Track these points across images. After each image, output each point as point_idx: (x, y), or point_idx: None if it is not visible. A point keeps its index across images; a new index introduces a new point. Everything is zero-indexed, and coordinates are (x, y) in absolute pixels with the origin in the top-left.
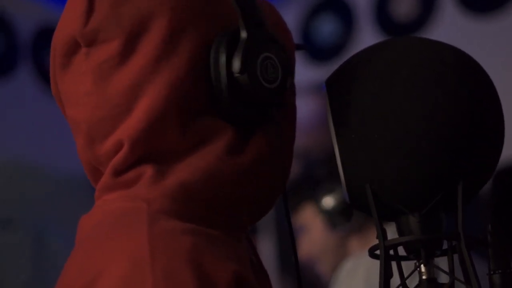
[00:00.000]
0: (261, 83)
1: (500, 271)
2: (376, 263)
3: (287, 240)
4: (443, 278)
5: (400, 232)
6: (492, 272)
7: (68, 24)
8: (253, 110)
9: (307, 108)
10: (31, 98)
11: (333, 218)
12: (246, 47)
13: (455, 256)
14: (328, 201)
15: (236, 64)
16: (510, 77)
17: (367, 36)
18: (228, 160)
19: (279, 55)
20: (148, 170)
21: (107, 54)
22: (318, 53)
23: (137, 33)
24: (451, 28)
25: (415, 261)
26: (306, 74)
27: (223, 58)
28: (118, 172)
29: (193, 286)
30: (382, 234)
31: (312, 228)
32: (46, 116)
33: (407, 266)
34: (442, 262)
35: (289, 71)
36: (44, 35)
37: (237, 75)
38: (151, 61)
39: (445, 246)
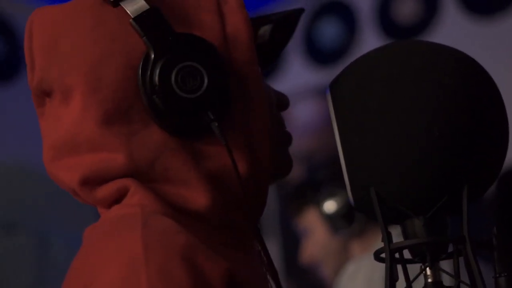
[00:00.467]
0: (180, 97)
1: (505, 274)
2: (378, 266)
3: (291, 243)
4: (449, 281)
5: (405, 235)
6: (497, 275)
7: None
8: (188, 121)
9: (311, 111)
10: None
11: (335, 222)
12: (154, 66)
13: (461, 259)
14: (330, 205)
15: (149, 86)
16: None
17: (370, 39)
18: (193, 169)
19: (199, 58)
20: (125, 182)
21: (55, 103)
22: (321, 56)
23: (66, 87)
24: (453, 30)
25: (420, 264)
26: (310, 77)
27: (140, 82)
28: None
29: (187, 283)
30: (387, 238)
31: (315, 231)
32: None
33: (413, 269)
34: (447, 265)
35: (218, 69)
36: None
37: (153, 96)
38: (81, 106)
39: (450, 249)
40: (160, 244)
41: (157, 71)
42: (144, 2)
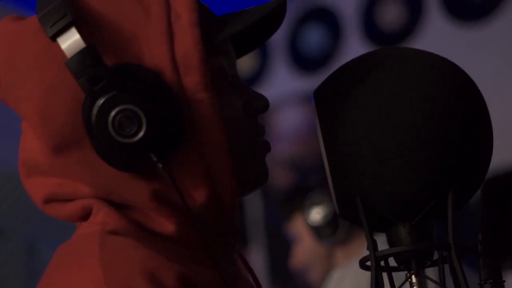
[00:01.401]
0: (120, 143)
1: (491, 280)
2: (363, 273)
3: (277, 251)
4: None
5: (391, 242)
6: (483, 282)
7: None
8: (132, 163)
9: (296, 117)
10: None
11: (320, 230)
12: (90, 113)
13: (446, 266)
14: (315, 214)
15: (89, 132)
16: (497, 85)
17: (354, 46)
18: (153, 200)
19: (136, 98)
20: (89, 201)
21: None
22: (306, 63)
23: (22, 114)
24: (438, 36)
25: (406, 272)
26: (295, 84)
27: (84, 123)
28: (67, 216)
29: None
30: (373, 245)
31: (303, 238)
32: None
33: (398, 276)
34: (433, 272)
35: (161, 105)
36: None
37: (93, 142)
38: (32, 136)
39: (436, 256)
40: (118, 263)
41: (94, 115)
42: (79, 38)
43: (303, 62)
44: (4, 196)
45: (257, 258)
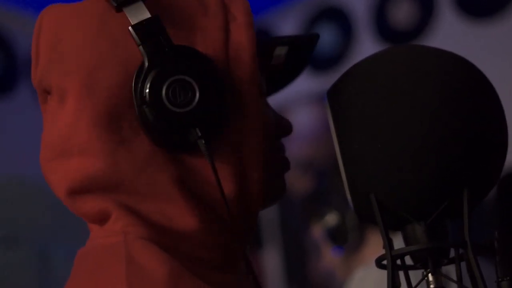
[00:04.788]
0: (169, 110)
1: (508, 277)
2: (385, 272)
3: (293, 252)
4: (452, 286)
5: (407, 241)
6: (500, 279)
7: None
8: (176, 135)
9: (310, 117)
10: (32, 115)
11: (333, 237)
12: (146, 77)
13: (463, 264)
14: (331, 219)
15: (140, 96)
16: (511, 82)
17: (366, 45)
18: (179, 185)
19: (194, 73)
20: (108, 205)
21: (53, 103)
22: (319, 62)
23: (63, 89)
24: (450, 33)
25: (422, 270)
26: (307, 84)
27: (133, 90)
28: (84, 214)
29: None
30: (389, 244)
31: (323, 243)
32: None
33: (415, 275)
34: (450, 270)
35: (212, 86)
36: None
37: (143, 106)
38: (75, 108)
39: (452, 254)
40: (143, 282)
41: (149, 82)
42: (146, 10)
43: (316, 62)
44: (16, 201)
45: (272, 260)
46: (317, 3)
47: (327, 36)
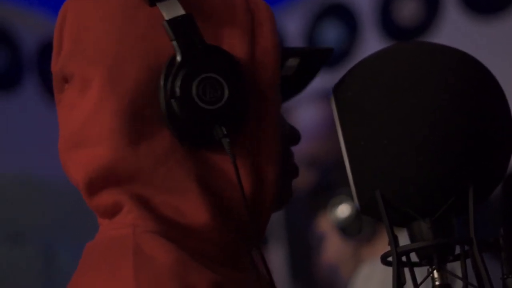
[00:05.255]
0: (197, 106)
1: None
2: (390, 269)
3: (298, 249)
4: (457, 283)
5: (412, 238)
6: (505, 276)
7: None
8: (201, 131)
9: (315, 114)
10: (38, 112)
11: (345, 228)
12: (178, 71)
13: (468, 261)
14: (339, 213)
15: (169, 90)
16: None
17: (371, 41)
18: (196, 181)
19: (224, 72)
20: (122, 197)
21: (73, 92)
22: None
23: (87, 77)
24: (455, 30)
25: (428, 267)
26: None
27: (161, 84)
28: (98, 206)
29: None
30: (394, 241)
31: (330, 236)
32: (54, 129)
33: (420, 272)
34: (455, 267)
35: (239, 86)
36: (49, 48)
37: (171, 100)
38: (98, 97)
39: (457, 251)
40: (150, 270)
41: (181, 77)
42: (180, 7)
43: None
44: (21, 198)
45: (277, 256)
46: (321, 0)
47: (332, 33)
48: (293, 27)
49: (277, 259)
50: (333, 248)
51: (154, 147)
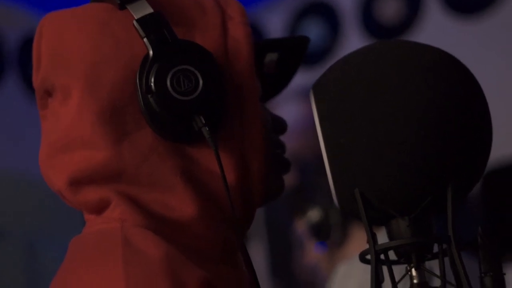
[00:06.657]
0: (174, 98)
1: (491, 273)
2: (368, 267)
3: (278, 247)
4: (435, 281)
5: (391, 236)
6: (483, 275)
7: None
8: (180, 123)
9: (295, 112)
10: (19, 109)
11: (319, 230)
12: (151, 67)
13: (446, 259)
14: (313, 214)
15: (145, 86)
16: (497, 78)
17: (353, 40)
18: (181, 175)
19: (196, 63)
20: (108, 193)
21: (56, 103)
22: (305, 57)
23: (66, 86)
24: (436, 30)
25: (406, 265)
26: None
27: (137, 81)
28: (84, 203)
29: None
30: (372, 239)
31: (307, 237)
32: (36, 126)
33: (399, 270)
34: (433, 265)
35: (213, 75)
36: (31, 44)
37: (148, 95)
38: (78, 103)
39: (436, 249)
40: (140, 264)
41: (154, 72)
42: (149, 6)
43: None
44: (3, 196)
45: (258, 254)
46: None
47: (314, 31)
48: (275, 25)
49: (257, 257)
50: (311, 250)
51: (137, 145)
